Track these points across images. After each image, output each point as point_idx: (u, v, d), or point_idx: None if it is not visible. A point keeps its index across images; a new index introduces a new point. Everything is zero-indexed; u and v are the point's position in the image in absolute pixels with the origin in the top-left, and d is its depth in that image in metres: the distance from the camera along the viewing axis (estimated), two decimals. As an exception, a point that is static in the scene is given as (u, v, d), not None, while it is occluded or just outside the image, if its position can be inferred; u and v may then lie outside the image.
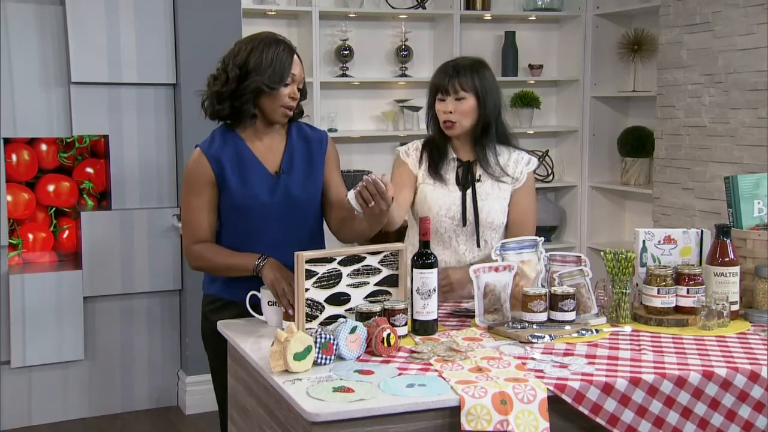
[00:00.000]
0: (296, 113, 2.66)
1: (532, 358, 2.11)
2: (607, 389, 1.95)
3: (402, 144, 2.97)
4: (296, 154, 2.64)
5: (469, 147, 2.83)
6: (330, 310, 2.33)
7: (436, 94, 2.79)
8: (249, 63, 2.51)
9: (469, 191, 2.79)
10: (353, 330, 2.13)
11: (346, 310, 2.35)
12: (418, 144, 2.89)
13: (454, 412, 1.86)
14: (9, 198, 4.23)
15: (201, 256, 2.58)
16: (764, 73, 3.97)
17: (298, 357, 2.00)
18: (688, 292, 2.45)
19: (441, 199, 2.78)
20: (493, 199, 2.80)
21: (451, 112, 2.75)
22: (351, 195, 2.38)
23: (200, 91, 2.63)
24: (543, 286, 2.47)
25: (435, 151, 2.83)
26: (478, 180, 2.80)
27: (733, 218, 2.67)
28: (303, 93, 2.63)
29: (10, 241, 4.26)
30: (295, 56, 2.57)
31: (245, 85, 2.50)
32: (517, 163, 2.84)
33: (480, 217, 2.77)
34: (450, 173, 2.82)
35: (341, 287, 2.34)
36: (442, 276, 2.65)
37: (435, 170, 2.81)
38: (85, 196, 4.49)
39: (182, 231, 2.67)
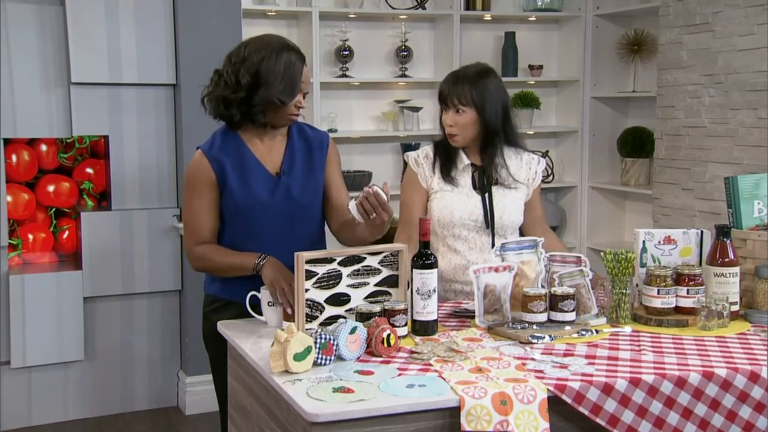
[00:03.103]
0: None
1: (532, 359, 2.11)
2: (607, 390, 1.95)
3: (403, 146, 2.98)
4: (297, 155, 2.64)
5: (479, 153, 2.86)
6: (330, 311, 2.33)
7: (442, 103, 2.85)
8: (261, 72, 2.49)
9: (487, 194, 2.84)
10: (353, 330, 2.13)
11: (346, 311, 2.35)
12: (428, 150, 2.91)
13: (454, 412, 1.86)
14: (9, 198, 4.23)
15: (202, 257, 2.58)
16: (764, 73, 3.97)
17: (298, 357, 2.00)
18: (688, 293, 2.45)
19: (463, 203, 2.82)
20: (511, 200, 2.86)
21: (451, 126, 2.81)
22: (352, 205, 2.39)
23: (203, 86, 2.62)
24: (543, 286, 2.47)
25: (447, 156, 2.87)
26: (495, 183, 2.85)
27: (733, 219, 2.67)
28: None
29: (10, 241, 4.26)
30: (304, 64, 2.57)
31: (256, 96, 2.50)
32: (530, 164, 2.93)
33: (496, 220, 2.82)
34: (465, 178, 2.85)
35: (341, 288, 2.34)
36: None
37: (449, 175, 2.84)
38: (85, 196, 4.50)
39: (184, 232, 2.67)
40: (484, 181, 2.84)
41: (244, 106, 2.53)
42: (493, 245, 2.82)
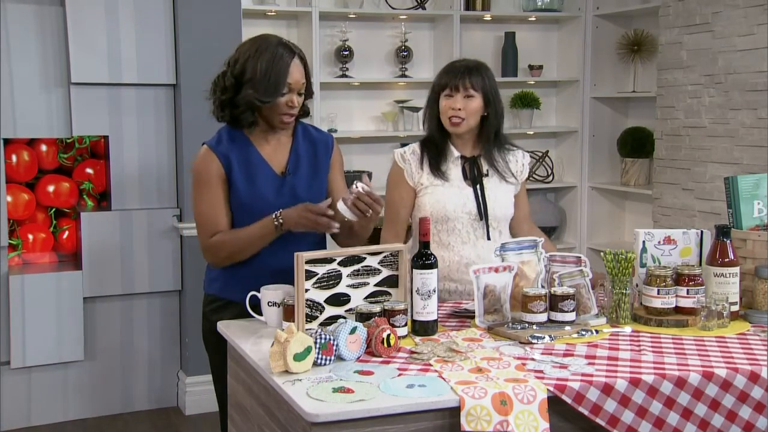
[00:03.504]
0: (301, 113, 2.66)
1: (532, 359, 2.11)
2: (607, 390, 1.95)
3: (403, 146, 2.98)
4: (302, 155, 2.65)
5: (472, 144, 2.87)
6: (330, 311, 2.33)
7: (440, 92, 2.82)
8: (244, 73, 2.50)
9: (479, 186, 2.84)
10: (353, 330, 2.13)
11: (346, 311, 2.35)
12: (415, 147, 2.90)
13: (454, 412, 1.86)
14: (9, 199, 4.23)
15: (221, 245, 2.55)
16: (764, 73, 3.97)
17: (298, 357, 2.00)
18: (688, 293, 2.45)
19: (455, 196, 2.82)
20: (503, 192, 2.87)
21: (459, 109, 2.78)
22: (341, 206, 2.39)
23: (206, 91, 2.64)
24: (543, 286, 2.47)
25: (435, 150, 2.86)
26: (486, 175, 2.85)
27: (733, 219, 2.67)
28: (309, 92, 2.63)
29: (10, 241, 4.26)
30: (296, 61, 2.54)
31: (240, 97, 2.51)
32: (516, 157, 2.94)
33: (489, 211, 2.82)
34: (454, 170, 2.85)
35: (341, 288, 2.34)
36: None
37: (438, 169, 2.83)
38: (85, 196, 4.50)
39: (198, 230, 2.62)
40: (475, 173, 2.84)
41: (233, 107, 2.54)
42: (488, 237, 2.82)
